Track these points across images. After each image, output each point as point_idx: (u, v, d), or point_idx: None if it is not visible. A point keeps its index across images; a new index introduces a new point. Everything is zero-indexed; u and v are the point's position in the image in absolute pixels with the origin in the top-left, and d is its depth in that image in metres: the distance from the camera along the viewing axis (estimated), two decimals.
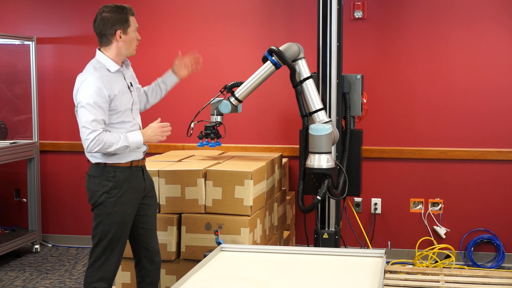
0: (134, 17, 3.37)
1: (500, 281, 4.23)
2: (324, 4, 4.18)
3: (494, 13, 4.92)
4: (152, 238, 3.55)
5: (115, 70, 3.32)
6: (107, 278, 3.34)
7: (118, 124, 3.32)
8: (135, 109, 3.43)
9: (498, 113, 4.97)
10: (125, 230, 3.37)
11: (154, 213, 3.58)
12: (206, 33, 5.31)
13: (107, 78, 3.27)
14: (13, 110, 5.73)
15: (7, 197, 5.72)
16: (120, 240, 3.35)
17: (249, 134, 5.30)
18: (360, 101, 4.29)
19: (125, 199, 3.33)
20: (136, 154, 3.38)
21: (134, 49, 3.38)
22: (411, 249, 5.09)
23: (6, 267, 5.04)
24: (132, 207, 3.39)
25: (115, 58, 3.34)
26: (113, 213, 3.33)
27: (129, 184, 3.35)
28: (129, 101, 3.37)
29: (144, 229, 3.50)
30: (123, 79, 3.37)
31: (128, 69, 3.47)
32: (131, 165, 3.36)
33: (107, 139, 3.22)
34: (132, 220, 3.41)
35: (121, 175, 3.33)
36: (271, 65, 4.14)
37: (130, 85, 3.41)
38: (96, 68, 3.30)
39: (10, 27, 5.57)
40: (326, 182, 3.92)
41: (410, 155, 5.09)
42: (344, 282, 2.72)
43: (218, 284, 2.71)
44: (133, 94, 3.42)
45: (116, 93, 3.28)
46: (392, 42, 5.07)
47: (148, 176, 3.52)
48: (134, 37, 3.35)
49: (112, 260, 3.36)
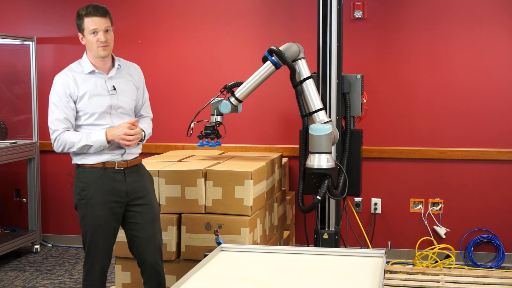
0: (96, 17, 3.21)
1: (500, 281, 4.23)
2: (324, 4, 4.18)
3: (494, 13, 4.92)
4: (146, 248, 3.40)
5: (89, 72, 3.28)
6: (95, 281, 3.32)
7: (89, 126, 3.26)
8: (118, 113, 3.32)
9: (498, 113, 4.97)
10: (101, 234, 3.29)
11: (147, 222, 3.39)
12: (206, 33, 5.31)
13: (77, 78, 3.25)
14: (13, 110, 5.73)
15: (7, 197, 5.72)
16: (99, 244, 3.29)
17: (249, 134, 5.30)
18: (360, 101, 4.29)
19: (96, 201, 3.26)
20: (109, 155, 3.28)
21: (98, 51, 3.24)
22: (411, 249, 5.09)
23: (6, 267, 5.04)
24: (107, 210, 3.27)
25: (92, 60, 3.30)
26: (86, 215, 3.29)
27: (101, 185, 3.26)
28: (103, 104, 3.27)
29: (136, 236, 3.40)
30: (100, 80, 3.29)
31: (119, 72, 3.36)
32: (103, 166, 3.28)
33: (68, 138, 3.21)
34: (111, 224, 3.30)
35: (90, 176, 3.27)
36: (271, 65, 4.14)
37: (113, 89, 3.30)
38: (72, 68, 3.32)
39: (10, 27, 5.57)
40: (326, 182, 3.92)
41: (410, 155, 5.09)
42: (344, 282, 2.72)
43: (218, 284, 2.71)
44: (113, 97, 3.30)
45: (81, 94, 3.24)
46: (392, 42, 5.07)
47: (136, 182, 3.37)
48: (91, 39, 3.23)
49: (95, 268, 3.32)
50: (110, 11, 3.31)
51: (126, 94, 3.37)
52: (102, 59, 3.30)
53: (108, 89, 3.30)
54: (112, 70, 3.35)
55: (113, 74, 3.34)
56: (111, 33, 3.30)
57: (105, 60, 3.32)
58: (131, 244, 3.44)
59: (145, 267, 3.44)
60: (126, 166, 3.33)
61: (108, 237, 3.33)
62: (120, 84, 3.35)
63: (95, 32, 3.22)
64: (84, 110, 3.25)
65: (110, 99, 3.30)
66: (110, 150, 3.29)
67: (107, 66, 3.34)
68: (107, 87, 3.31)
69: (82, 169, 3.30)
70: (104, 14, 3.25)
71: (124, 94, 3.36)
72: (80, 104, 3.25)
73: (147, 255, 3.41)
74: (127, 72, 3.42)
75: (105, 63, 3.33)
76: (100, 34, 3.22)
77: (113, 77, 3.34)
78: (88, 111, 3.25)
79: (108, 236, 3.33)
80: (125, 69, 3.42)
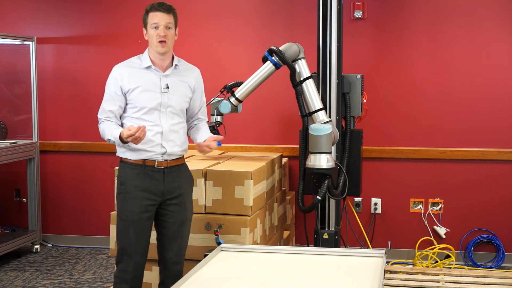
0: (159, 12, 3.26)
1: (500, 281, 4.23)
2: (324, 4, 4.18)
3: (494, 13, 4.92)
4: (170, 246, 3.42)
5: (146, 66, 3.32)
6: (126, 279, 3.33)
7: (135, 120, 3.29)
8: (167, 111, 3.32)
9: (498, 113, 4.97)
10: (134, 230, 3.30)
11: (177, 222, 3.40)
12: (207, 33, 5.31)
13: (132, 71, 3.30)
14: (13, 110, 5.73)
15: (7, 197, 5.72)
16: (132, 240, 3.30)
17: (249, 134, 5.30)
18: (360, 101, 4.30)
19: (132, 196, 3.29)
20: (150, 153, 3.29)
21: (157, 46, 3.27)
22: (411, 249, 5.09)
23: (6, 267, 5.03)
24: (142, 207, 3.30)
25: (152, 56, 3.34)
26: (121, 209, 3.33)
27: (139, 182, 3.29)
28: (153, 100, 3.29)
29: (162, 233, 3.42)
30: (154, 77, 3.31)
31: (176, 72, 3.37)
32: (143, 163, 3.30)
33: (104, 128, 3.27)
34: (146, 221, 3.33)
35: (130, 172, 3.31)
36: (271, 65, 4.14)
37: (166, 87, 3.31)
38: (131, 61, 3.38)
39: (10, 27, 5.57)
40: (326, 182, 3.92)
41: (410, 155, 5.09)
42: (344, 282, 2.72)
43: (218, 284, 2.71)
44: (165, 95, 3.31)
45: (133, 87, 3.27)
46: (392, 42, 5.07)
47: (175, 182, 3.36)
48: (152, 34, 3.29)
49: (129, 261, 3.32)
50: (175, 10, 3.35)
51: (178, 94, 3.37)
52: (161, 56, 3.32)
53: (161, 86, 3.32)
54: (169, 69, 3.36)
55: (169, 73, 3.36)
56: (173, 31, 3.32)
57: (164, 58, 3.34)
58: (158, 240, 3.46)
59: (164, 265, 3.46)
60: (166, 166, 3.34)
61: (142, 234, 3.34)
62: (174, 83, 3.36)
63: (157, 26, 3.27)
64: (133, 103, 3.29)
65: (161, 96, 3.31)
66: (148, 147, 3.28)
67: (165, 64, 3.36)
68: (160, 84, 3.32)
69: (123, 164, 3.34)
70: (168, 10, 3.30)
71: (176, 93, 3.36)
72: (130, 97, 3.29)
73: (170, 253, 3.43)
74: (184, 73, 3.43)
75: (164, 61, 3.35)
76: (160, 28, 3.26)
77: (169, 75, 3.36)
78: (137, 105, 3.29)
79: (142, 233, 3.34)
80: (183, 70, 3.43)
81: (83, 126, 5.54)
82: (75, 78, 5.54)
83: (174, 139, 3.35)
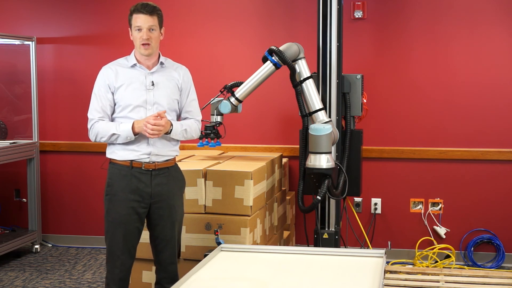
0: (142, 14, 3.23)
1: (500, 281, 4.23)
2: (324, 4, 4.18)
3: (495, 13, 4.92)
4: (162, 248, 3.39)
5: (131, 65, 3.32)
6: (114, 280, 3.32)
7: (123, 118, 3.28)
8: (154, 108, 3.27)
9: (498, 113, 4.97)
10: (122, 232, 3.28)
11: (167, 225, 3.36)
12: (206, 33, 5.31)
13: (119, 71, 3.30)
14: (13, 110, 5.73)
15: (7, 197, 5.72)
16: (119, 242, 3.29)
17: (249, 134, 5.30)
18: (360, 101, 4.30)
19: (118, 198, 3.27)
20: (136, 153, 3.25)
21: (140, 48, 3.26)
22: (411, 249, 5.09)
23: (6, 267, 5.03)
24: (129, 208, 3.27)
25: (137, 56, 3.33)
26: (108, 211, 3.32)
27: (125, 183, 3.27)
28: (138, 98, 3.27)
29: (153, 235, 3.40)
30: (140, 75, 3.31)
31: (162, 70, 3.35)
32: (130, 164, 3.27)
33: (100, 127, 3.26)
34: (134, 223, 3.30)
35: (117, 173, 3.29)
36: (271, 65, 4.14)
37: (151, 84, 3.29)
38: (117, 61, 3.38)
39: (10, 27, 5.57)
40: (326, 182, 3.92)
41: (410, 155, 5.09)
42: (344, 282, 2.72)
43: (218, 284, 2.71)
44: (150, 92, 3.29)
45: (119, 85, 3.27)
46: (392, 42, 5.07)
47: (163, 184, 3.32)
48: (135, 36, 3.26)
49: (116, 263, 3.31)
50: (160, 10, 3.31)
51: (164, 91, 3.33)
52: (146, 57, 3.32)
53: (146, 83, 3.31)
54: (155, 67, 3.35)
55: (154, 70, 3.35)
56: (156, 33, 3.29)
57: (150, 58, 3.33)
58: (151, 243, 3.45)
59: (159, 266, 3.45)
60: (153, 168, 3.30)
61: (129, 236, 3.31)
62: (160, 81, 3.34)
63: (140, 29, 3.25)
64: (119, 101, 3.28)
65: (147, 93, 3.30)
66: (136, 146, 3.26)
67: (151, 63, 3.35)
68: (145, 81, 3.31)
69: (112, 165, 3.33)
70: (151, 12, 3.26)
71: (163, 91, 3.33)
72: (116, 95, 3.28)
73: (163, 254, 3.42)
74: (171, 71, 3.40)
75: (149, 60, 3.34)
76: (143, 31, 3.24)
77: (155, 73, 3.34)
78: (122, 103, 3.28)
79: (129, 235, 3.31)
80: (170, 68, 3.41)
81: (83, 126, 5.46)
82: (75, 78, 5.54)
83: (162, 138, 3.30)
